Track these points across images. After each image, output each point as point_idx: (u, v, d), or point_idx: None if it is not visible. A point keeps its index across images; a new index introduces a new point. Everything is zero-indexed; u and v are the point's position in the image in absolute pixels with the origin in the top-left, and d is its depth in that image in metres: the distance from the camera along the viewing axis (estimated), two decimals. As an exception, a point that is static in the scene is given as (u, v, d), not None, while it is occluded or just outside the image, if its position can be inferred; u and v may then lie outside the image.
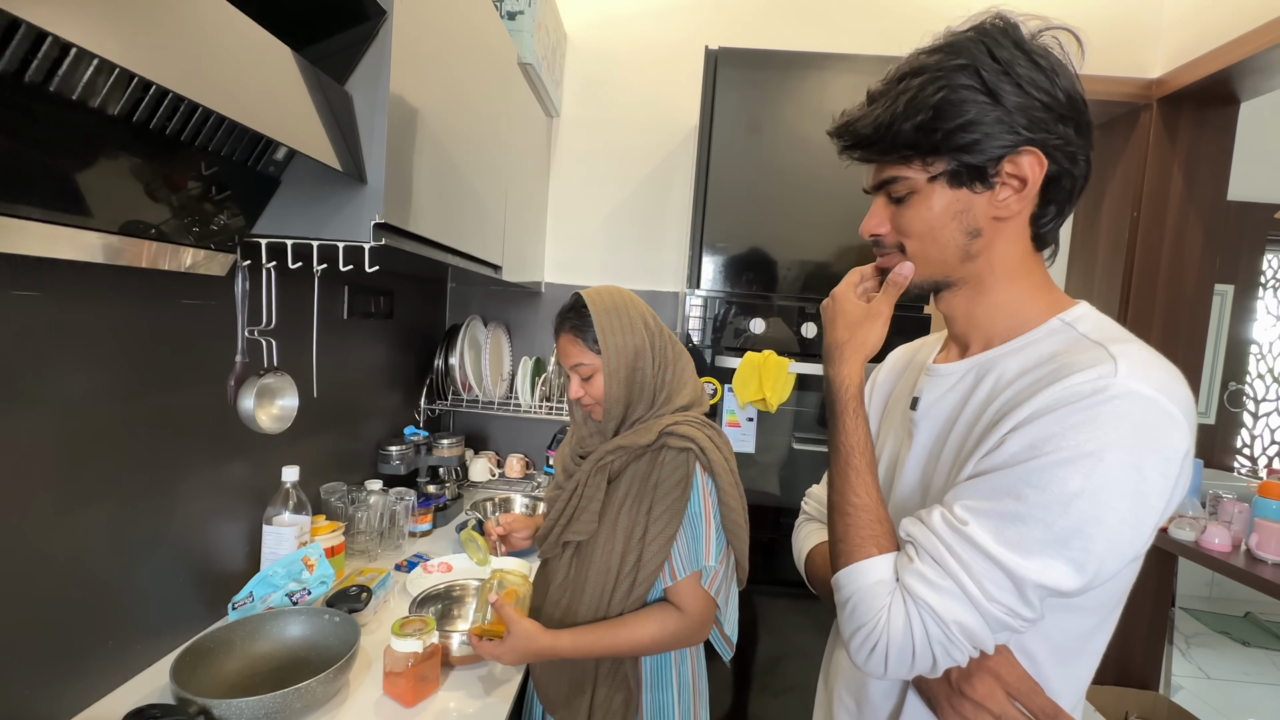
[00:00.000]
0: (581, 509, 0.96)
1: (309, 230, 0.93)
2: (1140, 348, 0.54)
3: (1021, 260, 0.62)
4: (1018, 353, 0.60)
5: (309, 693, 0.82)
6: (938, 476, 0.64)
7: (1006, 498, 0.52)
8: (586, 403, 0.99)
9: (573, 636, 0.90)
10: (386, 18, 0.87)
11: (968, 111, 0.55)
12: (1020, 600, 0.52)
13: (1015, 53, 0.56)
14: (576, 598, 0.95)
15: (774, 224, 1.56)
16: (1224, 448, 3.00)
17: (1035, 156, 0.56)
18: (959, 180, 0.58)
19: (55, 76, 0.55)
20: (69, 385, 0.81)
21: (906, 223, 0.62)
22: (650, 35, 2.00)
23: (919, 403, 0.69)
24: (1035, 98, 0.55)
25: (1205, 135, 1.86)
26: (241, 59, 0.67)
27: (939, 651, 0.54)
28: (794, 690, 1.66)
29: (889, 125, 0.59)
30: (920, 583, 0.55)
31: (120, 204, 0.73)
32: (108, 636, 0.88)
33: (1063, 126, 0.56)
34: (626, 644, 0.90)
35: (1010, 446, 0.53)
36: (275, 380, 1.05)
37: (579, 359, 0.97)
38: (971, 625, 0.53)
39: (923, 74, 0.57)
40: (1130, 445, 0.49)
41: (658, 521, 0.91)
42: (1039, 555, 0.51)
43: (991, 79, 0.55)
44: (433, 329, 2.00)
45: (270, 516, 1.11)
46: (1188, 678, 2.69)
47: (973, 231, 0.59)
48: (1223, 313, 2.93)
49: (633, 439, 0.94)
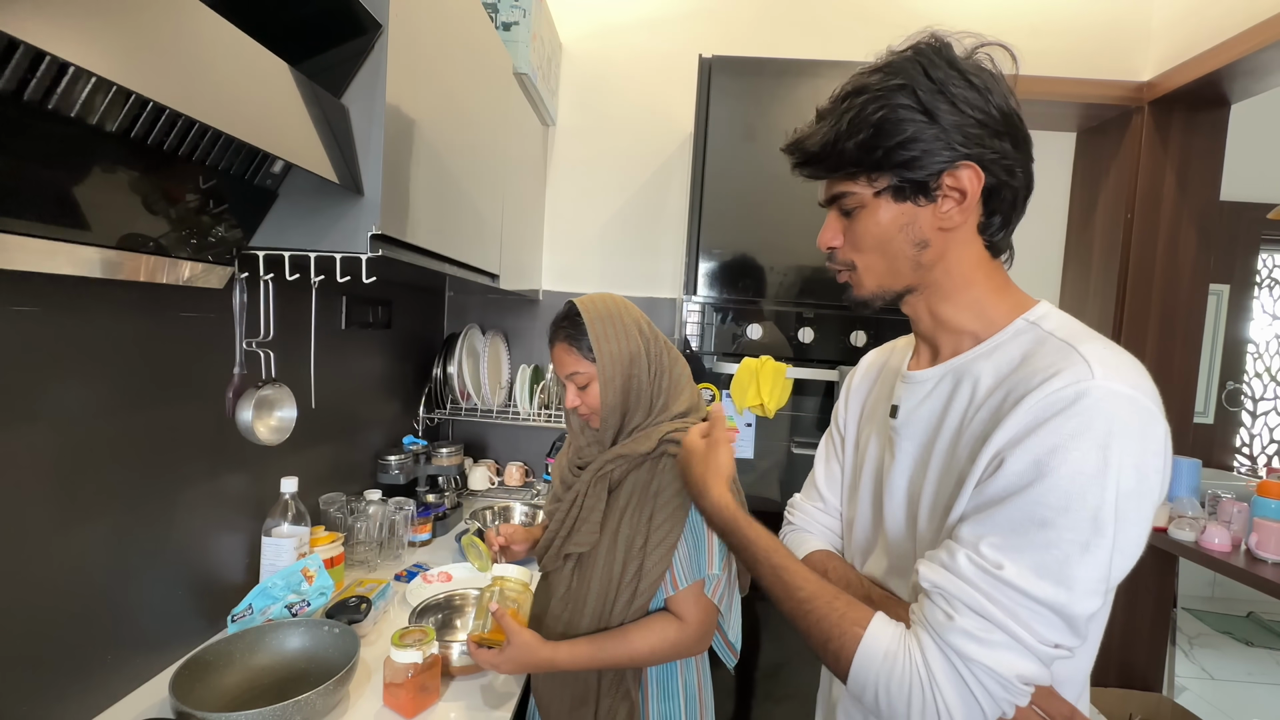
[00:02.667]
0: (582, 520, 0.96)
1: (306, 242, 0.93)
2: (1105, 346, 0.55)
3: (977, 265, 0.63)
4: (988, 356, 0.61)
5: (309, 705, 0.82)
6: (926, 488, 0.64)
7: (1033, 528, 0.51)
8: (583, 412, 0.98)
9: (571, 648, 0.90)
10: (382, 31, 0.88)
11: (906, 129, 0.58)
12: (1072, 633, 0.52)
13: (950, 72, 0.58)
14: (578, 610, 0.95)
15: (770, 230, 1.57)
16: (1223, 447, 3.01)
17: (973, 170, 0.58)
18: (902, 195, 0.61)
19: (54, 94, 0.56)
20: (68, 399, 0.81)
21: (858, 236, 0.64)
22: (644, 44, 2.01)
23: (898, 411, 0.69)
24: (969, 115, 0.58)
25: (1197, 137, 1.87)
26: (239, 75, 0.68)
27: (1005, 706, 0.53)
28: (795, 697, 1.65)
29: (834, 143, 0.62)
30: (969, 641, 0.52)
31: (118, 218, 0.74)
32: (107, 650, 0.88)
33: (998, 141, 0.59)
34: (625, 655, 0.90)
35: (1012, 467, 0.53)
36: (273, 392, 1.05)
37: (574, 368, 0.96)
38: (1032, 673, 0.52)
39: (864, 94, 0.60)
40: (1126, 445, 0.51)
41: (659, 530, 0.90)
42: (1080, 581, 0.51)
43: (927, 98, 0.57)
44: (431, 338, 2.01)
45: (269, 528, 1.11)
46: (1191, 678, 2.68)
47: (920, 243, 0.62)
48: (1219, 312, 2.94)
49: (632, 447, 0.94)
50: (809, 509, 0.85)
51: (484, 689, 0.99)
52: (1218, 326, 2.94)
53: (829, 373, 1.53)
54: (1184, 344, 1.90)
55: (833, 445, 0.85)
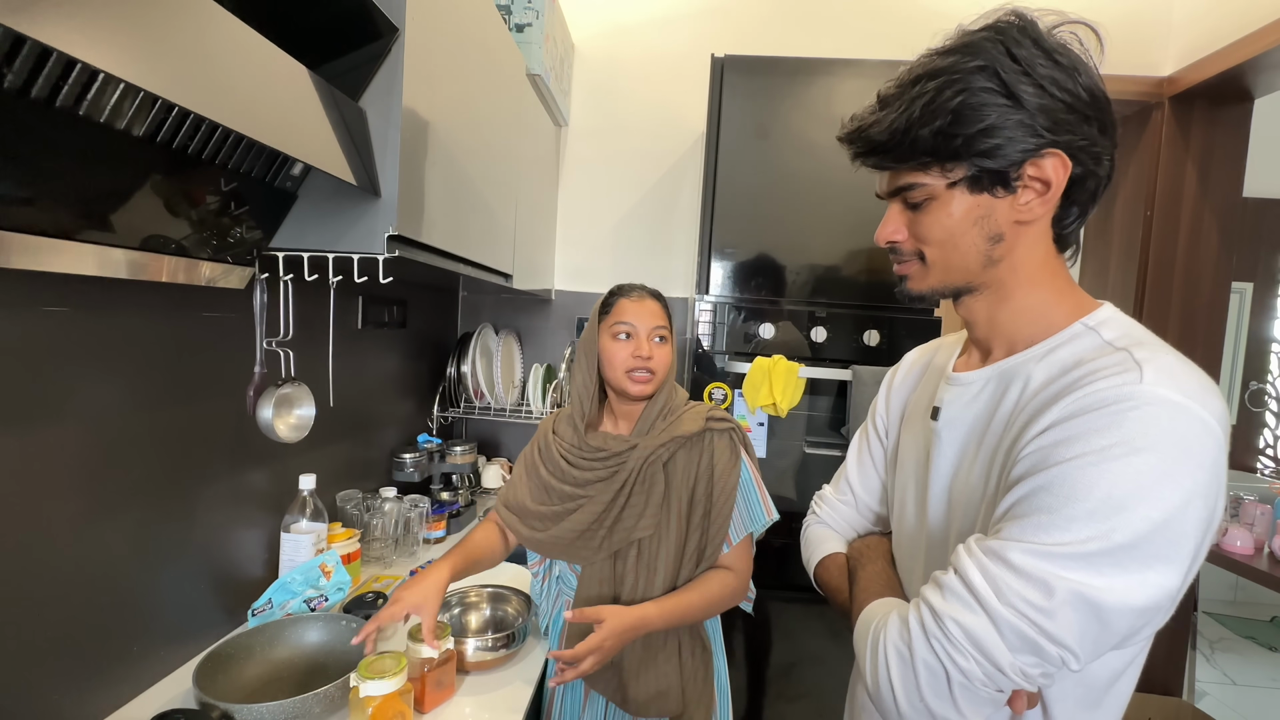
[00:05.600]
0: (641, 506, 0.96)
1: (325, 243, 0.95)
2: (1169, 354, 0.51)
3: (1045, 263, 0.59)
4: (1041, 359, 0.58)
5: (327, 698, 0.84)
6: (969, 492, 0.61)
7: (1036, 513, 0.49)
8: (654, 366, 0.98)
9: (658, 606, 0.93)
10: (399, 35, 0.89)
11: (988, 116, 0.53)
12: (1044, 600, 0.47)
13: (1034, 51, 0.53)
14: (649, 586, 0.96)
15: (782, 229, 1.56)
16: (1246, 448, 2.95)
17: (1059, 159, 0.54)
18: (979, 186, 0.56)
19: (84, 101, 0.57)
20: (94, 397, 0.83)
21: (925, 230, 0.60)
22: (656, 44, 2.01)
23: (940, 413, 0.66)
24: (1057, 98, 0.53)
25: (1219, 132, 1.84)
26: (260, 79, 0.70)
27: (938, 652, 0.50)
28: (809, 696, 1.65)
29: (905, 131, 0.56)
30: (934, 593, 0.52)
31: (142, 220, 0.75)
32: (132, 642, 0.90)
33: (1086, 126, 0.54)
34: (701, 608, 0.96)
35: (1031, 458, 0.51)
36: (293, 390, 1.07)
37: (661, 321, 1.01)
38: (976, 628, 0.48)
39: (939, 77, 0.55)
40: (1164, 453, 0.46)
41: (719, 501, 0.97)
42: (1063, 566, 0.47)
43: (1011, 80, 0.52)
44: (445, 337, 2.03)
45: (288, 524, 1.13)
46: (1213, 684, 2.63)
47: (994, 237, 0.57)
48: (1242, 311, 2.89)
49: (682, 428, 0.98)
50: (836, 504, 0.85)
51: (499, 684, 1.01)
52: (1240, 326, 2.89)
53: (842, 372, 1.53)
54: (1205, 344, 1.87)
55: (868, 442, 0.83)
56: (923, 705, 0.52)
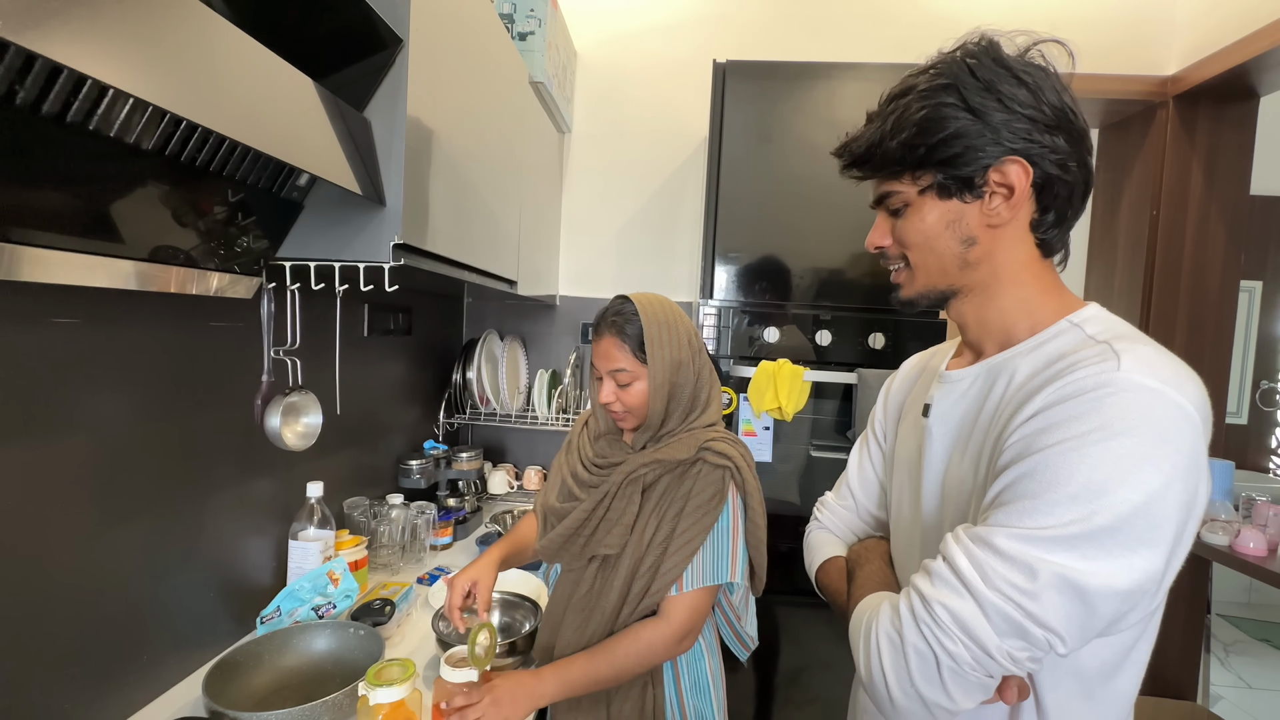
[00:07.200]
0: (612, 522, 0.94)
1: (331, 252, 0.96)
2: (1148, 344, 0.54)
3: (1027, 265, 0.62)
4: (1028, 354, 0.61)
5: (336, 705, 0.84)
6: (960, 484, 0.63)
7: (1020, 500, 0.51)
8: (617, 409, 0.96)
9: (562, 675, 0.88)
10: (403, 46, 0.90)
11: (949, 127, 0.58)
12: (1027, 583, 0.48)
13: (998, 70, 0.58)
14: (597, 608, 0.94)
15: (785, 233, 1.56)
16: (1257, 448, 2.92)
17: (1020, 165, 0.58)
18: (947, 192, 0.60)
19: (94, 115, 0.58)
20: (104, 408, 0.84)
21: (904, 234, 0.64)
22: (658, 51, 2.02)
23: (930, 409, 0.69)
24: (1019, 112, 0.57)
25: (1224, 131, 1.83)
26: (266, 92, 0.70)
27: (927, 636, 0.51)
28: (816, 701, 1.64)
29: (878, 144, 0.62)
30: (923, 580, 0.54)
31: (151, 232, 0.76)
32: (142, 651, 0.90)
33: (1049, 136, 0.58)
34: (611, 673, 0.88)
35: (1014, 447, 0.53)
36: (300, 398, 1.08)
37: (621, 364, 0.93)
38: (962, 611, 0.50)
39: (909, 94, 0.61)
40: (1141, 437, 0.48)
41: (684, 533, 0.90)
42: (1046, 553, 0.48)
43: (972, 97, 0.57)
44: (450, 344, 2.04)
45: (296, 532, 1.14)
46: (1228, 687, 2.60)
47: (967, 240, 0.61)
48: (1251, 310, 2.86)
49: (669, 453, 0.93)
50: (837, 509, 0.87)
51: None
52: (1250, 324, 2.87)
53: (847, 375, 1.52)
54: (1214, 343, 1.85)
55: (867, 447, 0.86)
56: (914, 691, 0.53)
